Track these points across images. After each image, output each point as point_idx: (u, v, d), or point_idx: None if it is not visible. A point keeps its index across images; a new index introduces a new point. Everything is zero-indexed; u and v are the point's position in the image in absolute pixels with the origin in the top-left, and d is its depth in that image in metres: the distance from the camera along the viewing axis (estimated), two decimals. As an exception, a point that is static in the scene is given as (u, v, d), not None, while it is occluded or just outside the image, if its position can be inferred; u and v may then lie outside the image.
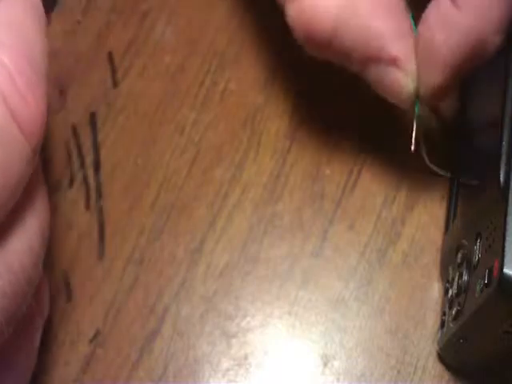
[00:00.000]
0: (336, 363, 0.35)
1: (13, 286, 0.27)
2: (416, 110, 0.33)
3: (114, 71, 0.39)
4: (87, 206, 0.37)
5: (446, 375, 0.35)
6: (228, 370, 0.35)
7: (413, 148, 0.33)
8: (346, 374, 0.35)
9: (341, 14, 0.31)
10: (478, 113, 0.35)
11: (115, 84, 0.39)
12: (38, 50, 0.27)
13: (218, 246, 0.36)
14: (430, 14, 0.31)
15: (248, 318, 0.36)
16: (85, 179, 0.37)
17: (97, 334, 0.36)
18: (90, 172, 0.37)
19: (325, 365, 0.35)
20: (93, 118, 0.38)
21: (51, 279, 0.36)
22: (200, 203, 0.37)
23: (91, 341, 0.36)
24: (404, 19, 0.32)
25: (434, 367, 0.35)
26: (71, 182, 0.37)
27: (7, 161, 0.26)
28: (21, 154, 0.26)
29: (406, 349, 0.36)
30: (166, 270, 0.36)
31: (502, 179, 0.29)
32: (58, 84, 0.38)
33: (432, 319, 0.36)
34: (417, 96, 0.32)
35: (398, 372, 0.35)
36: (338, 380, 0.35)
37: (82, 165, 0.38)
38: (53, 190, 0.37)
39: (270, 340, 0.36)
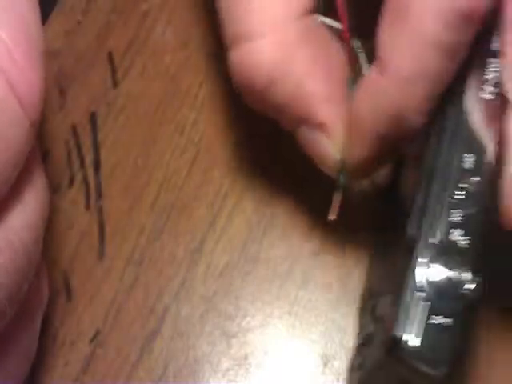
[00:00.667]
0: (336, 363, 0.35)
1: (14, 263, 0.27)
2: (341, 179, 0.32)
3: (113, 71, 0.39)
4: (87, 206, 0.37)
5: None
6: (228, 369, 0.35)
7: (332, 217, 0.33)
8: (346, 373, 0.35)
9: (275, 69, 0.30)
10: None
11: (115, 84, 0.39)
12: (33, 28, 0.27)
13: (217, 246, 0.36)
14: (362, 82, 0.30)
15: (248, 318, 0.36)
16: (85, 179, 0.37)
17: (97, 334, 0.36)
18: (90, 172, 0.37)
19: (325, 365, 0.35)
20: (93, 118, 0.38)
21: (51, 279, 0.36)
22: (200, 203, 0.37)
23: (91, 341, 0.36)
24: (341, 85, 0.31)
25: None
26: (71, 182, 0.37)
27: (6, 134, 0.26)
28: (20, 127, 0.26)
29: (406, 349, 0.36)
30: (165, 270, 0.36)
31: (408, 235, 0.29)
32: (58, 84, 0.38)
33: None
34: (343, 166, 0.31)
35: (398, 372, 0.35)
36: (337, 380, 0.35)
37: (82, 165, 0.38)
38: (53, 190, 0.37)
39: (270, 340, 0.36)
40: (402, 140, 0.30)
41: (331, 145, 0.31)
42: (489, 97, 0.29)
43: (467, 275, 0.28)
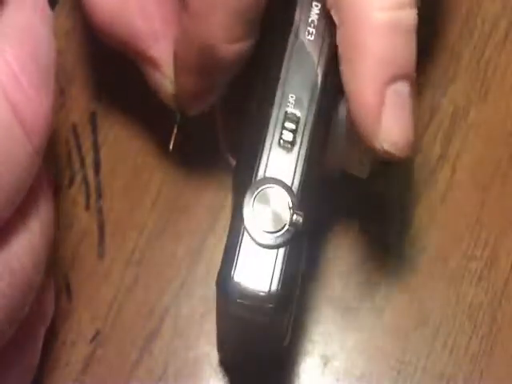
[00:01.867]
0: (336, 363, 0.35)
1: (12, 288, 0.27)
2: (176, 113, 0.34)
3: (114, 71, 0.39)
4: (87, 206, 0.37)
5: (447, 375, 0.35)
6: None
7: (171, 147, 0.34)
8: (345, 373, 0.35)
9: (111, 10, 0.32)
10: None
11: (115, 84, 0.39)
12: (44, 51, 0.28)
13: (218, 246, 0.36)
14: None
15: (248, 318, 0.36)
16: (85, 179, 0.37)
17: (97, 334, 0.36)
18: (90, 172, 0.37)
19: (325, 365, 0.35)
20: (93, 118, 0.38)
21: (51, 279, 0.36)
22: (200, 203, 0.37)
23: (91, 341, 0.36)
24: (173, 22, 0.32)
25: (434, 367, 0.35)
26: (71, 182, 0.37)
27: (9, 159, 0.26)
28: (23, 153, 0.27)
29: (406, 349, 0.36)
30: (165, 270, 0.36)
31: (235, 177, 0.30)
32: (58, 84, 0.38)
33: (432, 319, 0.36)
34: (177, 99, 0.33)
35: (398, 372, 0.35)
36: (337, 380, 0.35)
37: (82, 165, 0.38)
38: (53, 190, 0.37)
39: (270, 340, 0.35)
40: (225, 71, 0.32)
41: (164, 79, 0.33)
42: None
43: (291, 211, 0.28)
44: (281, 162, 0.29)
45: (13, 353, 0.30)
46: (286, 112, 0.30)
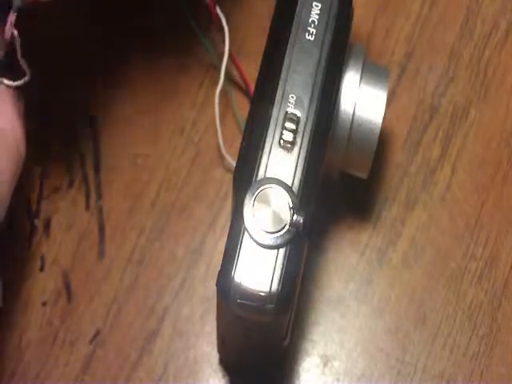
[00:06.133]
0: (336, 363, 0.35)
1: None
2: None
3: (114, 71, 0.39)
4: (87, 206, 0.37)
5: (447, 375, 0.35)
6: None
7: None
8: (345, 374, 0.35)
9: None
10: None
11: (115, 84, 0.39)
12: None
13: (217, 246, 0.36)
14: None
15: (248, 318, 0.36)
16: (85, 179, 0.37)
17: (97, 334, 0.36)
18: (90, 172, 0.37)
19: (325, 365, 0.35)
20: (93, 120, 0.38)
21: (51, 279, 0.36)
22: (200, 203, 0.37)
23: (91, 341, 0.36)
24: None
25: (434, 367, 0.35)
26: (71, 182, 0.37)
27: None
28: None
29: (406, 349, 0.36)
30: (165, 270, 0.36)
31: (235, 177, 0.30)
32: (59, 84, 0.38)
33: (432, 319, 0.36)
34: None
35: (398, 372, 0.35)
36: (337, 380, 0.35)
37: (82, 165, 0.38)
38: (53, 190, 0.37)
39: (270, 340, 0.36)
40: None
41: None
42: None
43: (291, 211, 0.28)
44: (281, 162, 0.29)
45: None
46: (286, 112, 0.30)
